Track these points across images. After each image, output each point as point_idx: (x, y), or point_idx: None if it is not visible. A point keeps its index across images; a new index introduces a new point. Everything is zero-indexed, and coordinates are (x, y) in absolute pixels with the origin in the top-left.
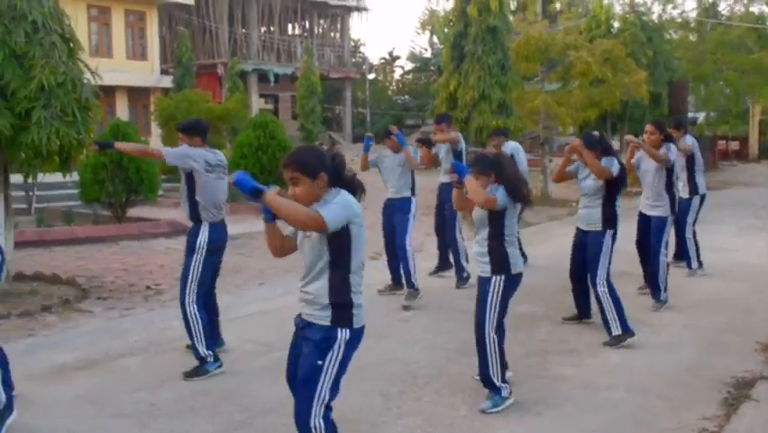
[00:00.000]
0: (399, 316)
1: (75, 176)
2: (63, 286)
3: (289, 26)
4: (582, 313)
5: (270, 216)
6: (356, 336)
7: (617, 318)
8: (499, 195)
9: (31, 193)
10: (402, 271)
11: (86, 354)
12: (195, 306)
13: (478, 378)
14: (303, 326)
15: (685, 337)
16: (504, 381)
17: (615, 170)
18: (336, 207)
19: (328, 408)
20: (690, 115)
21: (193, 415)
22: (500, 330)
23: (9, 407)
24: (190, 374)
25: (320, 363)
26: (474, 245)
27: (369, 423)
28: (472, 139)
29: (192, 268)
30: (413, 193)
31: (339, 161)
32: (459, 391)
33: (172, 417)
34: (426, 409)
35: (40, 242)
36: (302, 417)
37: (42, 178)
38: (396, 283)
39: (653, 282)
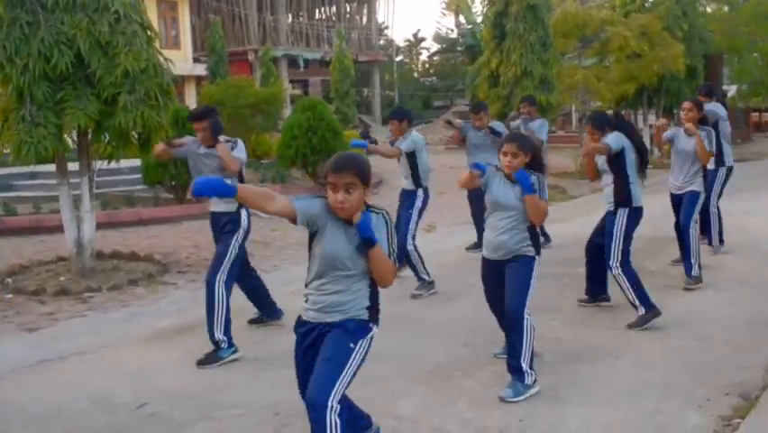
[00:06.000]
0: (467, 281)
1: (130, 162)
2: (142, 262)
3: (317, 11)
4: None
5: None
6: (374, 337)
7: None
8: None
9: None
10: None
11: (182, 319)
12: (225, 286)
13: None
14: (324, 326)
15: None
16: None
17: (614, 146)
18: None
19: (345, 399)
20: (724, 87)
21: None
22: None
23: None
24: (203, 362)
25: (352, 345)
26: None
27: (462, 370)
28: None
29: (230, 248)
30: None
31: None
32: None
33: (281, 369)
34: None
35: (108, 223)
36: (322, 395)
37: (99, 165)
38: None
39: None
